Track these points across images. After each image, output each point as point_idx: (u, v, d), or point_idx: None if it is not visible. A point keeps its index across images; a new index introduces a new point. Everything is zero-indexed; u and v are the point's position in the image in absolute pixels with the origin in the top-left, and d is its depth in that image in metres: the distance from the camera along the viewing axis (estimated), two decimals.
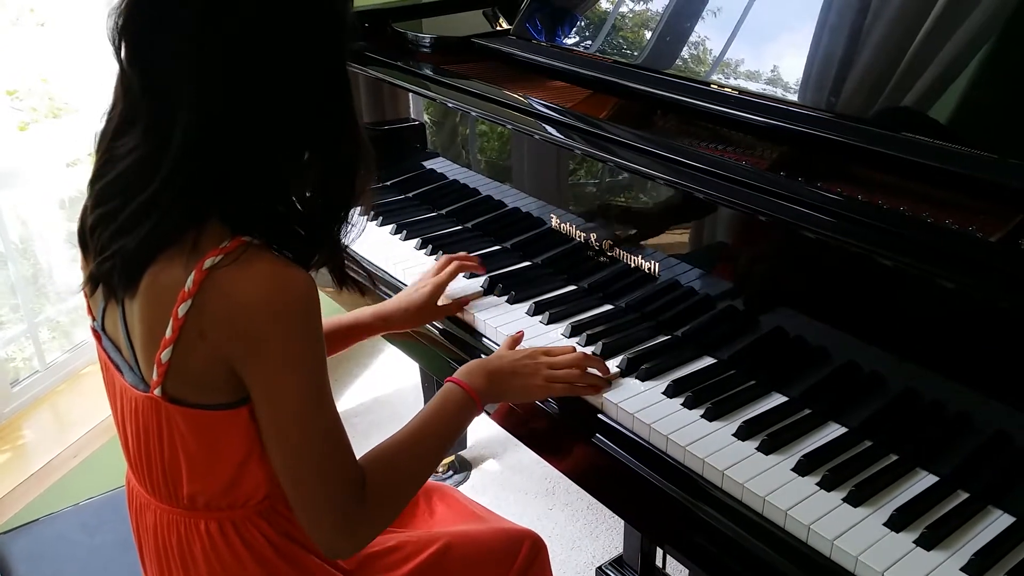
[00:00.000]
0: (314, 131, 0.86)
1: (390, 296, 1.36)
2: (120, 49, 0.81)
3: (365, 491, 0.91)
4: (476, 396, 1.04)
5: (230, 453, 0.90)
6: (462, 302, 1.34)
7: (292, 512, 0.97)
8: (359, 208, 0.93)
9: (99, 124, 0.88)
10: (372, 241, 1.58)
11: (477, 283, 1.39)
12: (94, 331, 0.96)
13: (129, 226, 0.83)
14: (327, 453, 0.89)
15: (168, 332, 0.83)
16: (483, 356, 1.27)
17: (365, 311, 1.29)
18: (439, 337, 1.36)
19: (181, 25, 0.78)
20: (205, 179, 0.81)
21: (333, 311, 1.26)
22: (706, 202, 1.14)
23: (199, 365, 0.85)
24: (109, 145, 0.86)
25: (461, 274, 1.37)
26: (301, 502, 0.90)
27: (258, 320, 0.82)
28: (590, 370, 1.13)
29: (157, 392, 0.86)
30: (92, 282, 0.89)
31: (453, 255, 1.37)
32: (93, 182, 0.88)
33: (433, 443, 1.01)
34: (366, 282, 1.00)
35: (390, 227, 1.61)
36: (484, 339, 1.30)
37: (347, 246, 0.93)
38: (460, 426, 1.06)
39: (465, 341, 1.32)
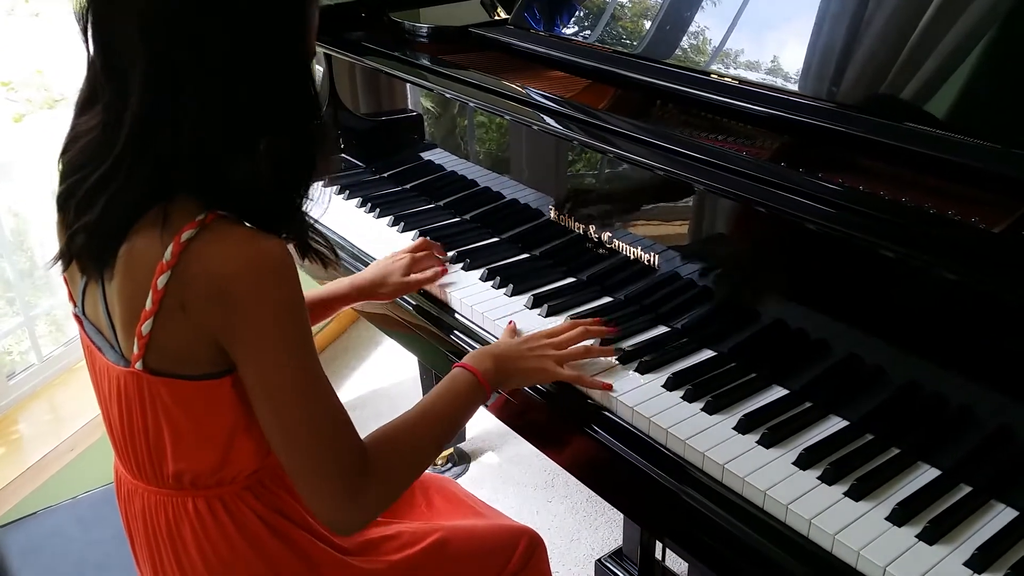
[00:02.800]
0: (266, 102, 0.85)
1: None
2: (86, 29, 0.83)
3: (368, 465, 0.90)
4: (484, 379, 1.04)
5: (216, 425, 0.90)
6: (433, 277, 1.36)
7: (282, 488, 0.97)
8: (322, 182, 0.93)
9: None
10: (369, 233, 1.57)
11: (457, 266, 1.42)
12: (76, 317, 0.96)
13: (88, 201, 0.84)
14: (321, 416, 0.88)
15: (148, 304, 0.83)
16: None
17: (341, 282, 1.32)
18: (436, 330, 1.35)
19: (132, 3, 0.79)
20: (158, 153, 0.81)
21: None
22: (706, 193, 1.13)
23: (180, 337, 0.85)
24: (74, 122, 0.88)
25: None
26: (299, 471, 0.88)
27: (237, 287, 0.82)
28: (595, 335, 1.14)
29: (138, 366, 0.86)
30: (63, 259, 0.90)
31: (429, 241, 1.42)
32: (61, 156, 0.89)
33: (439, 425, 1.00)
34: (328, 253, 0.99)
35: (388, 219, 1.60)
36: (483, 332, 1.29)
37: (314, 221, 0.94)
38: (467, 409, 1.05)
39: (463, 334, 1.31)
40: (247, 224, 0.85)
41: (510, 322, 1.23)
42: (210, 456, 0.92)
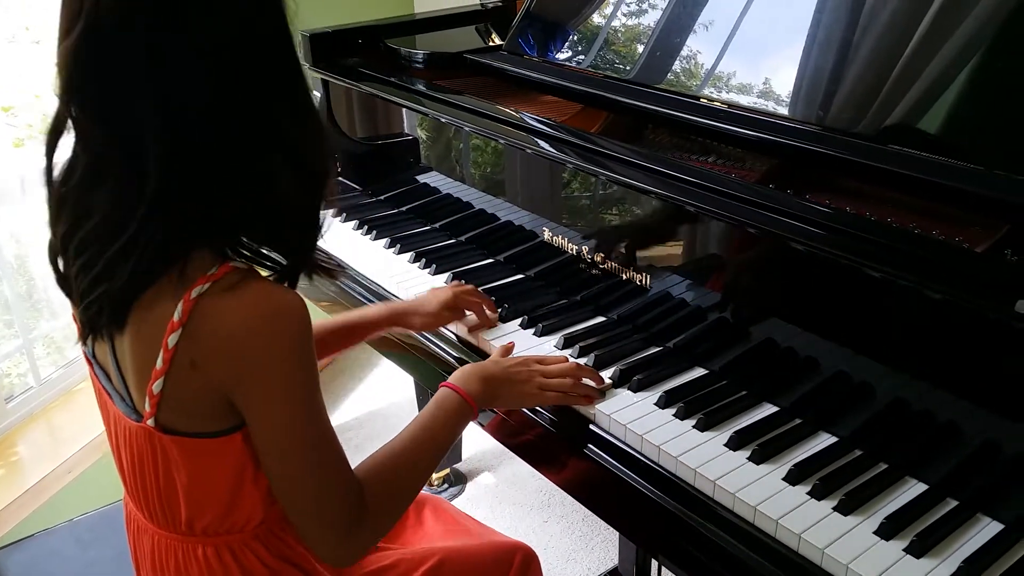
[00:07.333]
0: (277, 138, 0.84)
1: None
2: (71, 111, 0.81)
3: (363, 500, 0.92)
4: (471, 400, 1.05)
5: (224, 479, 0.90)
6: (470, 322, 1.33)
7: (289, 535, 0.98)
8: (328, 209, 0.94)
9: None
10: (366, 255, 1.59)
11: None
12: (86, 357, 0.97)
13: (109, 271, 0.81)
14: (325, 471, 0.89)
15: (159, 363, 0.83)
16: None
17: (376, 307, 1.31)
18: (431, 349, 1.36)
19: (133, 71, 0.77)
20: (182, 211, 0.80)
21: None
22: (696, 215, 1.15)
23: (191, 394, 0.85)
24: (80, 199, 0.84)
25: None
26: (302, 520, 0.91)
27: (251, 346, 0.82)
28: (584, 380, 1.14)
29: (150, 423, 0.86)
30: (84, 327, 0.89)
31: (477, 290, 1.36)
32: (67, 236, 0.85)
33: (429, 448, 1.01)
34: (331, 264, 0.96)
35: (384, 241, 1.62)
36: (476, 351, 1.31)
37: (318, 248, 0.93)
38: (455, 431, 1.06)
39: (458, 353, 1.32)
40: (262, 276, 0.85)
41: (510, 343, 1.25)
42: (220, 506, 0.92)
